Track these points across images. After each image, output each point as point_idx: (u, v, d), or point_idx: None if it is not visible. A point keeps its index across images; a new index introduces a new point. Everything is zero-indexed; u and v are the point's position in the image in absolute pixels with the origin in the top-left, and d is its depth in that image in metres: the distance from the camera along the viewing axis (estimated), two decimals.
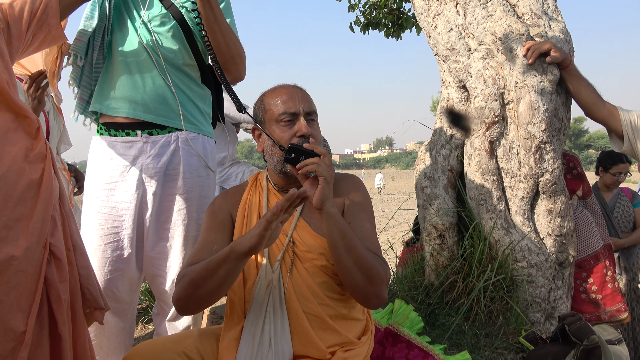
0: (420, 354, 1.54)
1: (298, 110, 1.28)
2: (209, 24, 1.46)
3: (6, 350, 0.99)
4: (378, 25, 5.25)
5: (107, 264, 1.56)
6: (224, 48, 1.52)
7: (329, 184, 1.16)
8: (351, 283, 1.17)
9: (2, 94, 1.09)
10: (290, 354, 1.21)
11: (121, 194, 1.56)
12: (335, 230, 1.15)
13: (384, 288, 1.19)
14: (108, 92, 1.59)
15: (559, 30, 2.09)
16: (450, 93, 2.27)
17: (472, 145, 2.10)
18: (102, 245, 1.56)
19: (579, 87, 1.98)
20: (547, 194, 2.00)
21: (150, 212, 1.58)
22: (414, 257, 2.36)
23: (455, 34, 2.20)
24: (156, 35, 1.56)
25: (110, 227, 1.56)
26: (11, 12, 1.20)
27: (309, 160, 1.18)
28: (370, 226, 1.29)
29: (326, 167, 1.17)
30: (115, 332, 1.63)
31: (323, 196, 1.15)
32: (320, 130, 1.36)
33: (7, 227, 1.02)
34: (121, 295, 1.60)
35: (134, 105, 1.55)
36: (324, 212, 1.16)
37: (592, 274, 2.22)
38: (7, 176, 1.04)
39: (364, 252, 1.16)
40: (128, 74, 1.56)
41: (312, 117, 1.31)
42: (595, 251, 2.23)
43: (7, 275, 1.00)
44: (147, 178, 1.57)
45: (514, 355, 1.79)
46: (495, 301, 1.96)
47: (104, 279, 1.56)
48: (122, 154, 1.57)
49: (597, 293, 2.19)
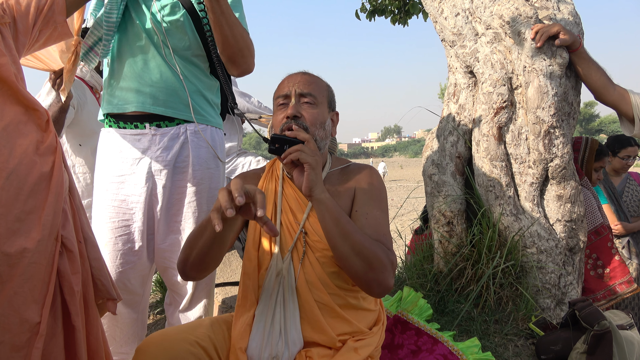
0: (430, 341, 1.54)
1: (290, 91, 1.28)
2: (216, 17, 1.44)
3: (22, 341, 1.01)
4: (384, 12, 5.19)
5: (118, 256, 1.57)
6: (231, 41, 1.51)
7: (314, 170, 1.15)
8: (350, 270, 1.17)
9: (12, 88, 1.11)
10: (301, 342, 1.22)
11: (131, 186, 1.57)
12: (328, 216, 1.15)
13: (387, 275, 1.16)
14: (115, 89, 1.58)
15: (568, 12, 2.06)
16: (458, 79, 2.25)
17: (480, 131, 2.09)
18: (113, 238, 1.57)
19: (588, 70, 1.95)
20: (557, 179, 1.99)
21: (161, 205, 1.59)
22: (422, 245, 2.36)
23: (462, 19, 2.17)
24: (166, 24, 1.55)
25: (120, 220, 1.57)
26: (17, 8, 1.21)
27: (291, 148, 1.17)
28: (378, 213, 1.27)
29: (310, 153, 1.16)
30: (128, 323, 1.65)
31: (310, 182, 1.14)
32: (325, 115, 1.33)
33: (19, 219, 1.04)
34: (133, 287, 1.62)
35: (142, 99, 1.55)
36: (313, 198, 1.16)
37: (596, 249, 2.21)
38: (19, 169, 1.06)
39: (360, 238, 1.14)
40: (136, 66, 1.56)
41: (307, 99, 1.29)
42: (595, 227, 2.23)
43: (21, 268, 1.02)
44: (156, 171, 1.57)
45: (524, 341, 1.80)
46: (504, 287, 1.96)
47: (115, 272, 1.57)
48: (132, 146, 1.57)
49: (605, 267, 2.19)
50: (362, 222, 1.24)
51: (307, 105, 1.28)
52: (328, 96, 1.36)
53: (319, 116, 1.29)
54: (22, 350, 1.01)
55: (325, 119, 1.32)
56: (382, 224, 1.26)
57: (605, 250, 2.22)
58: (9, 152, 1.05)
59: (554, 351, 1.66)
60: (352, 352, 1.20)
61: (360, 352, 1.20)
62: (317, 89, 1.31)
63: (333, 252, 1.18)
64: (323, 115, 1.31)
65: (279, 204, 1.31)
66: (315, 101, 1.30)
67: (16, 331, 1.01)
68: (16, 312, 1.01)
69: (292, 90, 1.28)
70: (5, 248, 1.00)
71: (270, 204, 1.32)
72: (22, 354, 1.01)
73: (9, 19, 1.19)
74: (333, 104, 1.39)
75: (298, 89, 1.28)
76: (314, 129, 1.27)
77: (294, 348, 1.20)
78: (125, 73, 1.57)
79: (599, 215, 2.27)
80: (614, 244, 2.24)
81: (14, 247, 1.01)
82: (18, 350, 1.01)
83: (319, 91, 1.31)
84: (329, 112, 1.35)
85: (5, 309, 1.00)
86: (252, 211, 1.01)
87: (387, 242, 1.22)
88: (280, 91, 1.31)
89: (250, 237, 1.31)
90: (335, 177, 1.35)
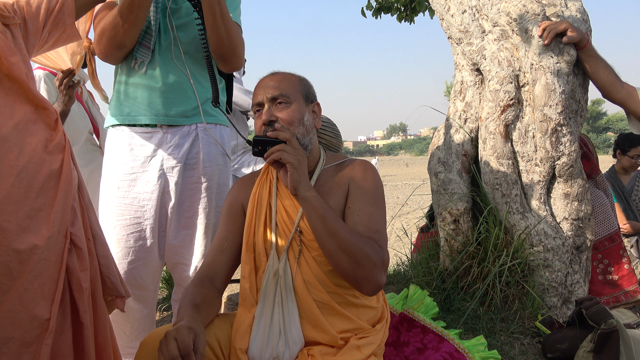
0: (436, 339, 1.54)
1: (262, 99, 1.28)
2: (215, 19, 1.45)
3: (32, 337, 1.03)
4: (390, 10, 5.17)
5: (130, 253, 1.59)
6: (226, 42, 1.52)
7: (297, 169, 1.15)
8: (338, 267, 1.17)
9: (22, 86, 1.12)
10: (302, 342, 1.22)
11: (143, 184, 1.58)
12: (314, 214, 1.15)
13: (377, 272, 1.16)
14: (125, 96, 1.59)
15: (576, 9, 2.04)
16: (464, 76, 2.24)
17: (487, 129, 2.08)
18: (124, 236, 1.58)
19: (596, 67, 1.94)
20: (564, 178, 1.98)
21: (173, 202, 1.61)
22: (428, 243, 2.36)
23: (469, 16, 2.17)
24: (177, 28, 1.56)
25: (132, 218, 1.59)
26: (28, 9, 1.23)
27: (273, 148, 1.17)
28: (372, 210, 1.25)
29: (292, 152, 1.16)
30: (139, 319, 1.67)
31: (294, 182, 1.15)
32: (302, 110, 1.30)
33: (29, 216, 1.05)
34: (144, 284, 1.64)
35: (154, 109, 1.57)
36: (299, 197, 1.16)
37: (608, 255, 2.20)
38: (28, 167, 1.07)
39: (347, 235, 1.14)
40: (146, 73, 1.56)
41: (280, 100, 1.27)
42: (610, 233, 2.22)
43: (30, 264, 1.03)
44: (168, 168, 1.59)
45: (530, 340, 1.79)
46: (511, 286, 1.96)
47: (127, 268, 1.59)
48: (143, 144, 1.59)
49: (614, 274, 2.18)
50: (354, 219, 1.23)
51: (280, 106, 1.27)
52: (302, 90, 1.32)
53: (295, 113, 1.27)
54: (31, 346, 1.02)
55: (302, 115, 1.29)
56: (375, 220, 1.24)
57: (617, 257, 2.21)
58: (19, 150, 1.07)
59: (560, 350, 1.65)
60: (354, 349, 1.20)
61: (363, 350, 1.20)
62: (288, 87, 1.29)
63: (321, 249, 1.18)
64: (300, 111, 1.29)
65: (274, 204, 1.31)
66: (288, 100, 1.28)
67: (26, 327, 1.02)
68: (26, 309, 1.02)
69: (263, 97, 1.28)
70: (16, 245, 1.01)
71: (265, 204, 1.32)
72: (31, 349, 1.02)
73: (19, 19, 1.20)
74: (310, 95, 1.35)
75: (268, 94, 1.27)
76: (293, 128, 1.26)
77: (294, 348, 1.20)
78: (135, 79, 1.57)
79: (615, 221, 2.25)
80: (625, 251, 2.24)
81: (24, 244, 1.02)
82: (28, 346, 1.02)
83: (290, 88, 1.29)
84: (306, 105, 1.32)
85: (15, 305, 1.01)
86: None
87: (380, 239, 1.21)
88: (254, 100, 1.30)
89: (245, 240, 1.31)
90: (330, 173, 1.34)
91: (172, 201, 1.61)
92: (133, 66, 1.57)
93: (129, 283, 1.58)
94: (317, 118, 1.37)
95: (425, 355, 1.46)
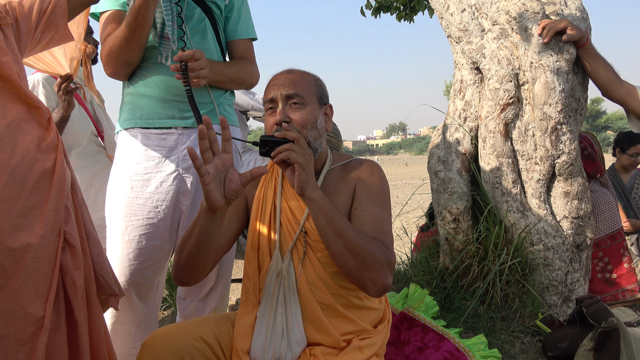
0: (436, 338, 1.54)
1: (275, 95, 1.24)
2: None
3: (27, 335, 1.02)
4: (389, 9, 5.16)
5: (141, 253, 1.57)
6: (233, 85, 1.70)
7: (305, 169, 1.14)
8: (344, 268, 1.15)
9: (14, 86, 1.12)
10: (304, 343, 1.21)
11: (157, 184, 1.57)
12: (320, 214, 1.13)
13: (383, 274, 1.14)
14: (138, 98, 1.59)
15: (575, 7, 2.04)
16: (464, 75, 2.24)
17: (487, 127, 2.07)
18: (136, 237, 1.57)
19: (596, 66, 1.93)
20: (564, 176, 1.97)
21: (189, 202, 1.60)
22: (428, 242, 2.35)
23: (468, 14, 2.16)
24: (192, 37, 1.56)
25: (145, 218, 1.57)
26: (20, 10, 1.23)
27: (280, 147, 1.14)
28: (378, 210, 1.23)
29: (300, 152, 1.14)
30: (144, 319, 1.66)
31: (301, 182, 1.13)
32: (316, 113, 1.27)
33: (22, 215, 1.05)
34: (152, 283, 1.64)
35: (169, 112, 1.57)
36: (306, 197, 1.15)
37: (609, 253, 2.20)
38: (21, 166, 1.07)
39: (354, 236, 1.12)
40: (160, 81, 1.56)
41: (295, 100, 1.23)
42: (613, 231, 2.21)
43: (24, 262, 1.03)
44: (184, 168, 1.59)
45: (531, 338, 1.79)
46: (511, 284, 1.95)
47: (138, 269, 1.57)
48: (158, 145, 1.58)
49: (613, 272, 2.18)
50: (360, 219, 1.22)
51: (295, 106, 1.24)
52: (317, 91, 1.29)
53: (309, 116, 1.24)
54: (26, 344, 1.02)
55: (316, 118, 1.26)
56: (381, 221, 1.23)
57: (617, 256, 2.21)
58: (11, 149, 1.06)
59: (560, 348, 1.65)
60: (356, 351, 1.19)
61: (364, 351, 1.19)
62: (304, 87, 1.26)
63: (327, 250, 1.17)
64: (314, 114, 1.26)
65: (279, 204, 1.29)
66: (303, 101, 1.24)
67: (21, 325, 1.01)
68: (20, 307, 1.02)
69: (277, 94, 1.24)
70: (10, 243, 1.01)
71: (270, 204, 1.31)
72: (26, 347, 1.02)
73: (11, 20, 1.20)
74: (324, 97, 1.32)
75: (284, 91, 1.23)
76: (306, 131, 1.23)
77: (297, 349, 1.19)
78: (149, 82, 1.57)
79: (619, 220, 2.24)
80: (627, 250, 2.23)
81: (17, 242, 1.02)
82: (23, 344, 1.01)
83: (306, 89, 1.26)
84: (320, 107, 1.29)
85: (9, 304, 1.00)
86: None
87: (386, 240, 1.19)
88: (267, 95, 1.27)
89: (249, 239, 1.30)
90: (336, 173, 1.33)
91: (188, 200, 1.60)
92: (160, 61, 1.57)
93: (137, 283, 1.58)
94: (329, 121, 1.34)
95: (426, 354, 1.45)
